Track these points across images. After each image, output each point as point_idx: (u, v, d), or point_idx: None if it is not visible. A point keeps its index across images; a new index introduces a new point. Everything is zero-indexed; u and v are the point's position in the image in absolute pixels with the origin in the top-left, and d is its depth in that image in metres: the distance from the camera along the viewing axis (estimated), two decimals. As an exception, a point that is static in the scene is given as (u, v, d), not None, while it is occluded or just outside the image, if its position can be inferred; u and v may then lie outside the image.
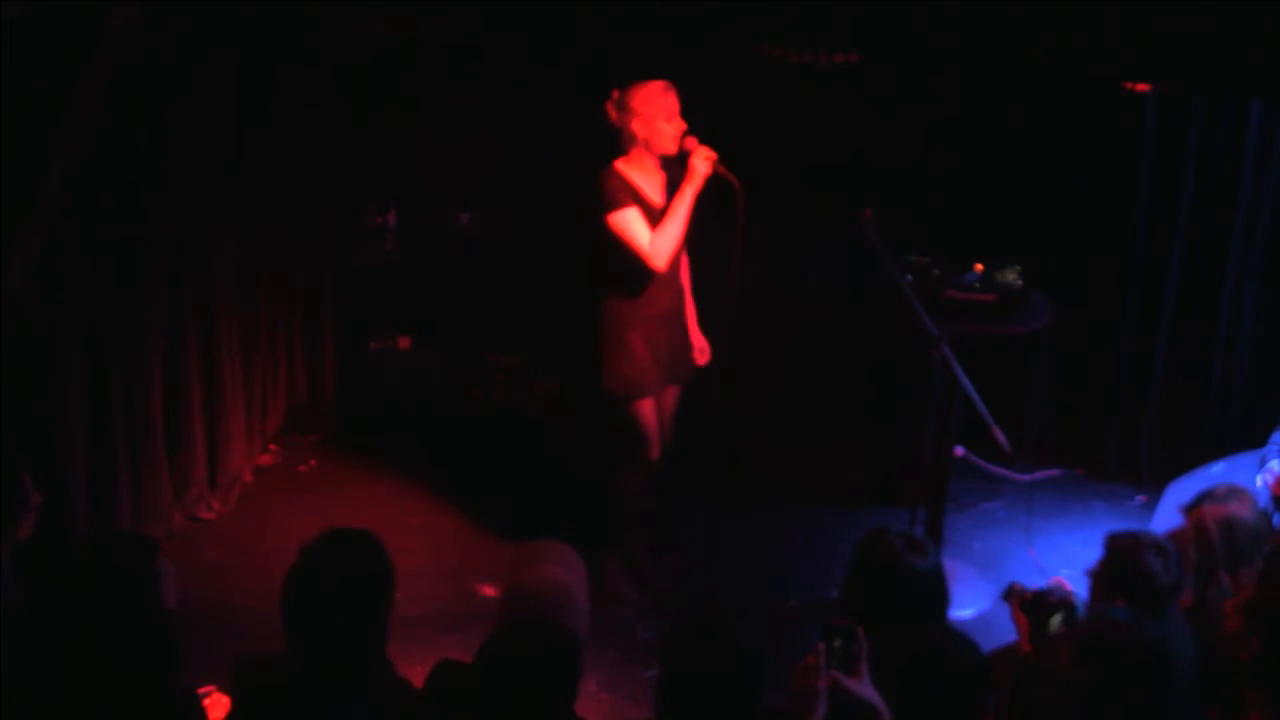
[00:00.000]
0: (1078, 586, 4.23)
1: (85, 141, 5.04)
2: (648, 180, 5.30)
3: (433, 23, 6.84)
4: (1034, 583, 4.33)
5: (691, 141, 5.19)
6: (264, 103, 6.21)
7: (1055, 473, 6.78)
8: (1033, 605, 4.19)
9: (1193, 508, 4.34)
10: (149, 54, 5.26)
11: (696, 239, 5.41)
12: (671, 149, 5.22)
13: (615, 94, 5.24)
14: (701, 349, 5.67)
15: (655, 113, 5.18)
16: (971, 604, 5.65)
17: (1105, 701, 3.42)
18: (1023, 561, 5.98)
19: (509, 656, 3.33)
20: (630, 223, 5.20)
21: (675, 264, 5.39)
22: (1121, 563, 3.98)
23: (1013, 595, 4.25)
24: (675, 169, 5.32)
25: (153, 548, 3.76)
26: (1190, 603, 4.21)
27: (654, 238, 5.20)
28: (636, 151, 5.26)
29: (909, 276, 5.52)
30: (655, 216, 5.25)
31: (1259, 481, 5.13)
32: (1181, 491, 4.93)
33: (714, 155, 5.16)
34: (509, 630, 3.47)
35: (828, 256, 6.56)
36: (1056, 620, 4.17)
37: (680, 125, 5.20)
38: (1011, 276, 5.72)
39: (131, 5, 5.02)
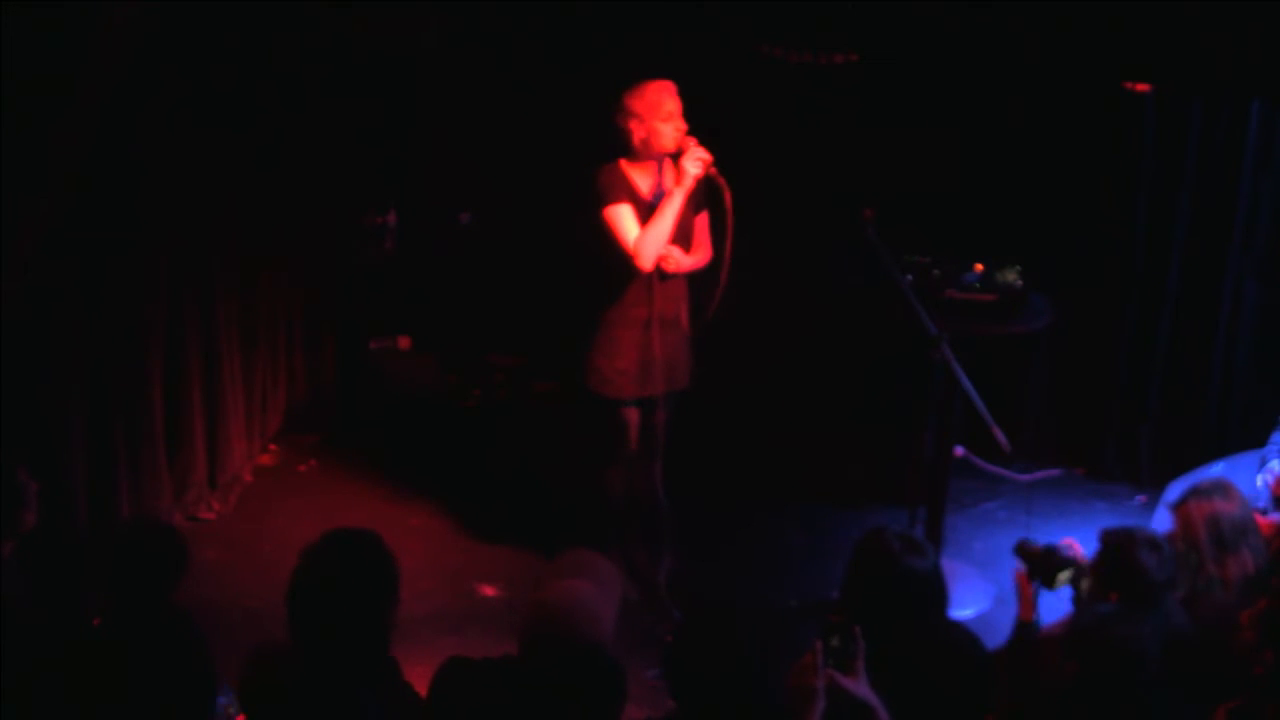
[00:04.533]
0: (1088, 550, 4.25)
1: (85, 142, 5.04)
2: (646, 181, 5.29)
3: (433, 23, 6.84)
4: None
5: (688, 142, 5.17)
6: (265, 103, 6.21)
7: (1055, 473, 6.78)
8: (1042, 559, 4.20)
9: (1179, 504, 4.36)
10: (148, 54, 5.26)
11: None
12: (669, 149, 5.20)
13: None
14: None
15: (651, 113, 5.16)
16: (971, 604, 5.65)
17: (1093, 695, 3.41)
18: (1023, 562, 5.98)
19: (550, 683, 3.31)
20: (621, 219, 5.19)
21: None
22: (1114, 557, 4.00)
23: (1022, 550, 4.28)
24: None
25: (182, 540, 3.81)
26: (1182, 597, 4.22)
27: (640, 237, 5.16)
28: (637, 152, 5.25)
29: (909, 276, 5.52)
30: (649, 216, 5.26)
31: (1259, 482, 5.14)
32: (1180, 492, 4.94)
33: (708, 157, 5.12)
34: (547, 652, 3.42)
35: (828, 256, 6.55)
36: (1065, 576, 4.21)
37: (679, 126, 5.18)
38: (1011, 276, 5.72)
39: (131, 6, 5.02)
